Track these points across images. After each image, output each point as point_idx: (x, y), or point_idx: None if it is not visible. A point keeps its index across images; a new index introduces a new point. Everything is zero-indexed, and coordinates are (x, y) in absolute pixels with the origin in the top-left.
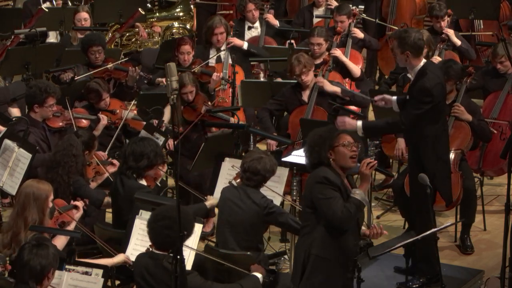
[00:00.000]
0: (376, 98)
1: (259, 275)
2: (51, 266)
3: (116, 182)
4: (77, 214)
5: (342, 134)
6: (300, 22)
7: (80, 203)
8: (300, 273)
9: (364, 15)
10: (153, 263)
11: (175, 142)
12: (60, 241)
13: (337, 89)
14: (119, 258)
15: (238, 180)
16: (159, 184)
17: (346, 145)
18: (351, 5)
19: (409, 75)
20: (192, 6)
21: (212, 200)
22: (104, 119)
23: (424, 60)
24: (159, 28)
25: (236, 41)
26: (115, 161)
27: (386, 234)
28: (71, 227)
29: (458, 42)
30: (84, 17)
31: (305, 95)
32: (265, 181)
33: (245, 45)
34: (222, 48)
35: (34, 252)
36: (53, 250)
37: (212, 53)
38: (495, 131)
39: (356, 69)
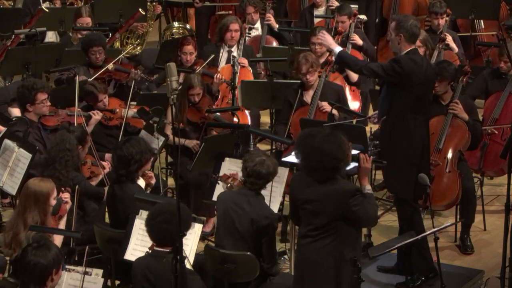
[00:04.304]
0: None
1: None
2: (52, 267)
3: (114, 189)
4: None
5: (345, 137)
6: (302, 24)
7: (107, 164)
8: (324, 277)
9: (364, 16)
10: (155, 261)
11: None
12: (57, 239)
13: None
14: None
15: (236, 183)
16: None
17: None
18: (351, 5)
19: None
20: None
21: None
22: (97, 115)
23: (413, 47)
24: (159, 8)
25: (246, 62)
26: (106, 163)
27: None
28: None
29: (455, 49)
30: (86, 21)
31: (308, 96)
32: (268, 183)
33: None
34: (233, 50)
35: (34, 254)
36: (55, 250)
37: (223, 52)
38: (496, 132)
39: (354, 73)
